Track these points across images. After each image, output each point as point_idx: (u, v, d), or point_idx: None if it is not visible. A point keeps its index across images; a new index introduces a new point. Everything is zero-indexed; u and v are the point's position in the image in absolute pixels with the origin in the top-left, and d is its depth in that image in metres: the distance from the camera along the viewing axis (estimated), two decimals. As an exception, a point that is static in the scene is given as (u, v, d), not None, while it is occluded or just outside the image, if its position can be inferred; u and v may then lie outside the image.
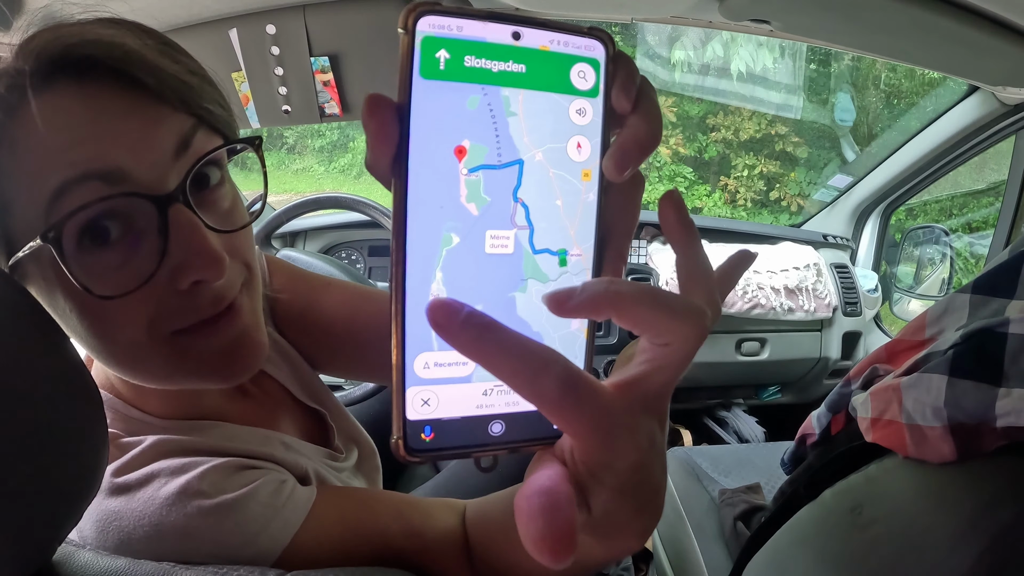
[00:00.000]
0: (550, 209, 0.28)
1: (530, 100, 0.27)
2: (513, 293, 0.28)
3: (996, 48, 0.97)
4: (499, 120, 0.26)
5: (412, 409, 0.27)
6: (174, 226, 0.41)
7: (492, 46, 0.26)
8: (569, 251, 0.28)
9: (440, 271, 0.26)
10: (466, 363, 0.27)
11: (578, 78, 0.28)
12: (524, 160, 0.27)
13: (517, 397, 0.26)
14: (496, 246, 0.27)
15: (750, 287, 1.75)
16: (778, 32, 1.14)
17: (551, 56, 0.27)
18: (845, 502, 0.74)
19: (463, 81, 0.26)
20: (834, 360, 1.89)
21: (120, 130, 0.41)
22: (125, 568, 0.43)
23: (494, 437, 0.29)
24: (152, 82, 0.42)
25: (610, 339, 1.72)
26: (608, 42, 0.28)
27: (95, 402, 0.41)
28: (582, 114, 0.28)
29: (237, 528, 0.46)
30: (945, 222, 3.32)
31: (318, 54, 1.06)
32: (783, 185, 5.69)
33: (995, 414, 0.56)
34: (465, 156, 0.26)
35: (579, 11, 1.26)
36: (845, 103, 5.26)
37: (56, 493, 0.37)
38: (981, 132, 1.55)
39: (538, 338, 0.26)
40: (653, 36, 5.44)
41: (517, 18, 0.26)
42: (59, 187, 0.39)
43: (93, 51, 0.41)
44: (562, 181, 0.28)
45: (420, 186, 0.25)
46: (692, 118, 5.90)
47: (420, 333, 0.26)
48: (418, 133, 0.25)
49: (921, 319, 0.74)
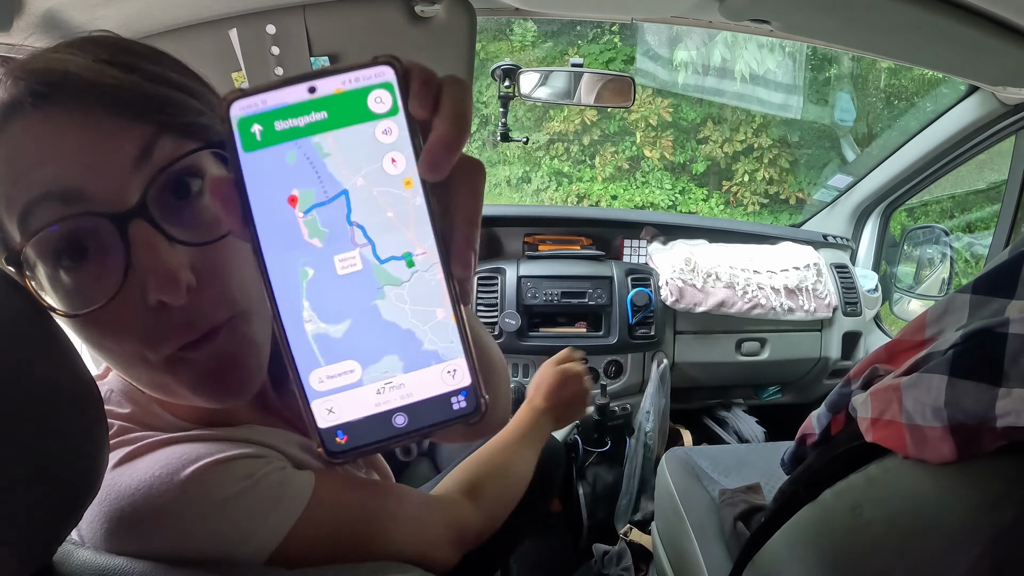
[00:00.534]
0: (383, 222, 0.32)
1: (338, 138, 0.31)
2: (374, 302, 0.32)
3: (996, 48, 0.97)
4: (316, 164, 0.31)
5: (320, 419, 0.32)
6: (133, 243, 0.41)
7: (293, 106, 0.31)
8: (414, 252, 0.32)
9: (306, 300, 0.32)
10: (353, 371, 0.32)
11: (376, 103, 0.31)
12: (348, 189, 0.31)
13: (411, 390, 0.32)
14: (346, 267, 0.32)
15: (750, 287, 1.75)
16: (778, 32, 1.14)
17: (346, 95, 0.31)
18: (845, 502, 0.74)
19: (278, 143, 0.31)
20: (834, 360, 1.89)
21: (75, 149, 0.41)
22: (123, 566, 0.43)
23: (400, 428, 0.33)
24: (108, 98, 0.42)
25: (610, 339, 1.72)
26: (395, 62, 0.32)
27: (95, 402, 0.41)
28: (388, 133, 0.32)
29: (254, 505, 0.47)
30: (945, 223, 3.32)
31: (318, 54, 1.06)
32: (784, 183, 5.73)
33: (995, 414, 0.56)
34: (298, 202, 0.31)
35: (579, 11, 1.26)
36: (845, 103, 5.26)
37: (57, 493, 0.37)
38: (981, 132, 1.55)
39: (409, 335, 0.32)
40: (653, 36, 5.45)
41: (307, 75, 0.31)
42: (23, 208, 0.41)
43: (48, 78, 0.42)
44: (387, 195, 0.32)
45: (268, 236, 0.31)
46: (689, 122, 5.93)
47: (306, 355, 0.32)
48: (254, 196, 0.31)
49: (921, 319, 0.74)
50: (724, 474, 1.35)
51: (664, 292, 1.74)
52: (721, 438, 1.95)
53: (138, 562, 0.44)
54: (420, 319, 0.32)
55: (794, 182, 5.75)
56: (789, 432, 0.98)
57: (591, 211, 3.57)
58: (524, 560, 1.71)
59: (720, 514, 1.20)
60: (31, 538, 0.37)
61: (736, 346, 1.84)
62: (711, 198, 5.93)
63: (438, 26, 1.03)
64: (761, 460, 1.38)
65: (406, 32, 1.03)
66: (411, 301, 0.32)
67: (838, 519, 0.74)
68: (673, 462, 1.41)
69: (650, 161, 5.93)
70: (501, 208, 2.00)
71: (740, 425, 1.95)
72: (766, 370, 1.91)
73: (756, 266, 1.81)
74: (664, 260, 1.80)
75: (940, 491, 0.62)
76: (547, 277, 1.73)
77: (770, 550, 0.86)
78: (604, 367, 1.78)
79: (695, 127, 5.94)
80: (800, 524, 0.81)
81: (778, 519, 0.84)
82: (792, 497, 0.84)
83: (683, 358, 1.82)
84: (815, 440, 0.87)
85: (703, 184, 6.02)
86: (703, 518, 1.23)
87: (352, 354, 0.32)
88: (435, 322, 0.33)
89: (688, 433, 1.96)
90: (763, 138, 5.70)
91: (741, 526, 1.12)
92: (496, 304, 1.70)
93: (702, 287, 1.74)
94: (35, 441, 0.35)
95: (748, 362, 1.85)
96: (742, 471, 1.35)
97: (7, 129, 0.41)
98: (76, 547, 0.46)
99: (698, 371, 1.86)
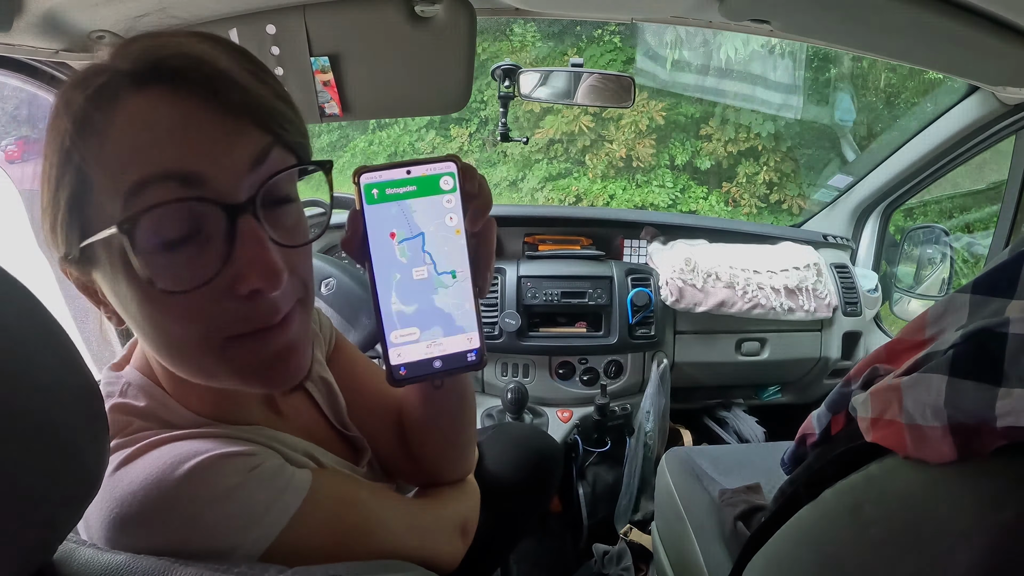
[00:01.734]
0: (442, 252, 0.55)
1: (421, 202, 0.54)
2: (432, 295, 0.55)
3: (996, 48, 0.97)
4: (407, 216, 0.54)
5: (393, 359, 0.55)
6: (241, 235, 0.45)
7: (398, 180, 0.53)
8: (457, 271, 0.56)
9: (394, 292, 0.54)
10: (414, 333, 0.55)
11: (444, 184, 0.54)
12: (424, 232, 0.54)
13: (445, 347, 0.56)
14: (419, 275, 0.55)
15: (750, 287, 1.75)
16: (778, 32, 1.14)
17: (429, 177, 0.54)
18: (846, 502, 0.74)
19: (386, 202, 0.53)
20: (834, 360, 1.89)
21: (203, 138, 0.44)
22: (125, 564, 0.44)
23: (437, 368, 0.56)
24: (238, 98, 0.46)
25: (610, 339, 1.72)
26: (456, 160, 0.55)
27: (96, 402, 0.41)
28: (449, 203, 0.55)
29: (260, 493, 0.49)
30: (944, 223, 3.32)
31: (318, 54, 1.06)
32: (783, 188, 5.75)
33: (995, 414, 0.56)
34: (395, 237, 0.53)
35: (581, 11, 1.26)
36: (845, 103, 5.26)
37: (57, 493, 0.37)
38: (981, 132, 1.55)
39: (449, 316, 0.56)
40: (653, 37, 5.47)
41: (408, 162, 0.53)
42: (138, 182, 0.43)
43: (186, 63, 0.45)
44: (445, 237, 0.55)
45: (377, 255, 0.53)
46: (689, 119, 6.01)
47: (390, 322, 0.54)
48: (371, 231, 0.53)
49: (921, 319, 0.74)
50: (724, 474, 1.35)
51: (664, 292, 1.75)
52: (721, 438, 1.95)
53: (140, 558, 0.44)
54: (456, 308, 0.56)
55: (795, 187, 5.77)
56: (789, 432, 0.98)
57: (591, 211, 3.56)
58: (524, 560, 1.71)
59: (720, 514, 1.20)
60: (31, 538, 0.37)
61: (736, 346, 1.84)
62: (711, 196, 6.01)
63: (438, 26, 1.03)
64: (761, 460, 1.38)
65: (406, 32, 1.03)
66: (452, 297, 0.56)
67: (838, 519, 0.74)
68: (673, 462, 1.41)
69: (648, 161, 6.04)
70: (501, 208, 2.00)
71: (740, 425, 1.95)
72: (766, 370, 1.91)
73: (756, 266, 1.81)
74: (664, 260, 1.80)
75: (940, 491, 0.62)
76: (547, 277, 1.73)
77: (770, 550, 0.86)
78: (604, 367, 1.78)
79: (696, 124, 6.02)
80: (800, 524, 0.81)
81: (778, 519, 0.84)
82: (792, 497, 0.84)
83: (683, 358, 1.83)
84: (815, 440, 0.87)
85: (703, 183, 6.07)
86: (703, 518, 1.23)
87: (415, 323, 0.55)
88: (463, 310, 0.56)
89: (688, 433, 1.96)
90: (764, 139, 5.77)
91: (741, 526, 1.12)
92: (496, 304, 1.71)
93: (702, 287, 1.74)
94: (35, 441, 0.35)
95: (748, 362, 1.85)
96: (742, 471, 1.34)
97: (127, 100, 0.43)
98: (77, 546, 0.46)
99: (698, 371, 1.86)
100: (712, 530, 1.19)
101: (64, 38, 0.97)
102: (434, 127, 6.96)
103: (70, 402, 0.38)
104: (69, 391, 0.39)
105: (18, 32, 0.89)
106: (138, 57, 0.44)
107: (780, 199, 5.85)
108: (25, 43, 0.95)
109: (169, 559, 0.44)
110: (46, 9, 0.87)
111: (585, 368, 1.78)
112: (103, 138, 0.43)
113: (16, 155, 4.75)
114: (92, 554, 0.45)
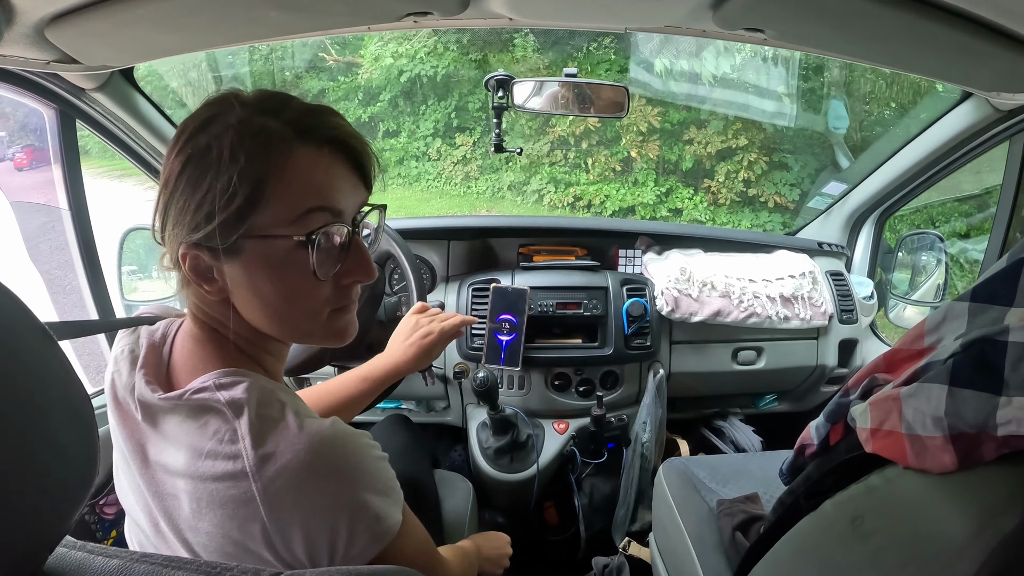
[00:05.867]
0: None
1: None
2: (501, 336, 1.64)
3: (989, 54, 0.97)
4: None
5: None
6: (355, 245, 0.68)
7: None
8: None
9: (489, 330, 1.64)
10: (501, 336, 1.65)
11: None
12: None
13: None
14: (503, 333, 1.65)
15: (746, 296, 1.75)
16: (772, 41, 1.14)
17: None
18: (846, 513, 0.73)
19: None
20: (831, 368, 1.89)
21: (344, 187, 0.66)
22: (120, 568, 0.44)
23: None
24: (366, 165, 0.68)
25: (606, 350, 1.72)
26: None
27: (87, 414, 0.42)
28: None
29: None
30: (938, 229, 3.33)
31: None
32: (761, 185, 6.05)
33: (996, 423, 0.56)
34: None
35: (575, 21, 1.26)
36: (838, 110, 5.29)
37: (48, 500, 0.38)
38: (975, 138, 1.56)
39: (503, 343, 1.66)
40: (646, 46, 5.53)
41: None
42: (310, 208, 0.63)
43: (336, 134, 0.65)
44: None
45: None
46: (675, 125, 6.31)
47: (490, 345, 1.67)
48: None
49: (920, 328, 0.73)
50: (722, 484, 1.34)
51: (660, 302, 1.74)
52: (718, 448, 1.95)
53: (137, 563, 0.45)
54: None
55: (771, 185, 5.92)
56: (787, 441, 0.97)
57: (585, 221, 3.57)
58: (524, 574, 1.70)
59: (718, 524, 1.19)
60: (22, 544, 0.37)
61: (732, 355, 1.84)
62: (696, 195, 6.31)
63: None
64: (759, 469, 1.38)
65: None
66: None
67: (839, 530, 0.74)
68: (670, 472, 1.41)
69: (639, 163, 6.38)
70: (495, 219, 2.00)
71: (737, 434, 1.94)
72: (763, 379, 1.90)
73: (751, 275, 1.81)
74: (659, 270, 1.80)
75: (941, 501, 0.62)
76: (542, 288, 1.73)
77: (770, 561, 0.85)
78: (600, 378, 1.77)
79: (681, 129, 6.33)
80: (800, 535, 0.80)
81: (778, 530, 0.84)
82: (792, 508, 0.84)
83: (679, 368, 1.82)
84: (814, 451, 0.87)
85: (689, 184, 6.37)
86: (701, 528, 1.22)
87: None
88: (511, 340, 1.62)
89: (685, 443, 1.95)
90: (741, 139, 6.09)
91: (740, 536, 1.11)
92: (486, 316, 1.70)
93: (698, 297, 1.74)
94: (28, 450, 0.36)
95: (744, 371, 1.85)
96: (740, 481, 1.34)
97: (300, 152, 0.63)
98: (69, 550, 0.47)
99: (694, 381, 1.86)
100: (710, 540, 1.19)
101: (55, 50, 0.96)
102: (440, 135, 7.17)
103: (62, 414, 0.39)
104: (61, 403, 0.39)
105: (9, 43, 0.89)
106: (300, 118, 0.63)
107: (758, 193, 6.11)
108: (16, 54, 0.95)
109: (161, 563, 0.45)
110: (36, 20, 0.87)
111: (581, 379, 1.77)
112: (283, 171, 0.61)
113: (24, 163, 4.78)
114: (85, 558, 0.45)
